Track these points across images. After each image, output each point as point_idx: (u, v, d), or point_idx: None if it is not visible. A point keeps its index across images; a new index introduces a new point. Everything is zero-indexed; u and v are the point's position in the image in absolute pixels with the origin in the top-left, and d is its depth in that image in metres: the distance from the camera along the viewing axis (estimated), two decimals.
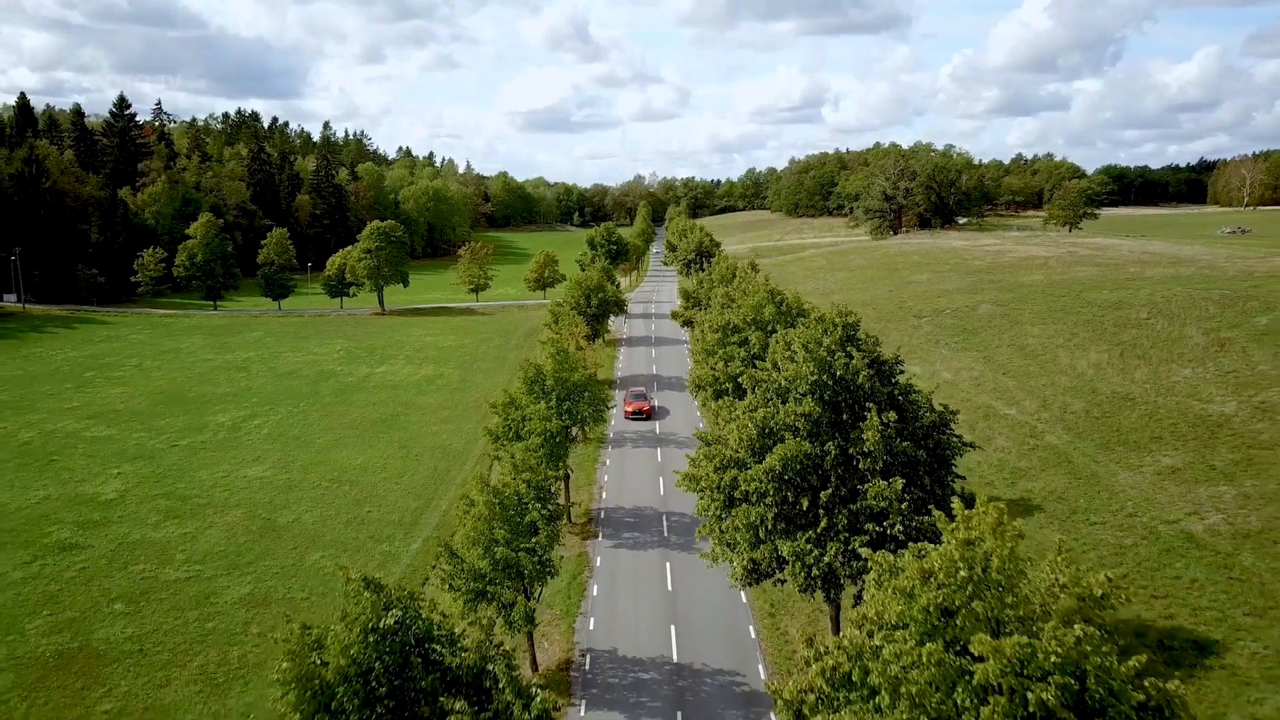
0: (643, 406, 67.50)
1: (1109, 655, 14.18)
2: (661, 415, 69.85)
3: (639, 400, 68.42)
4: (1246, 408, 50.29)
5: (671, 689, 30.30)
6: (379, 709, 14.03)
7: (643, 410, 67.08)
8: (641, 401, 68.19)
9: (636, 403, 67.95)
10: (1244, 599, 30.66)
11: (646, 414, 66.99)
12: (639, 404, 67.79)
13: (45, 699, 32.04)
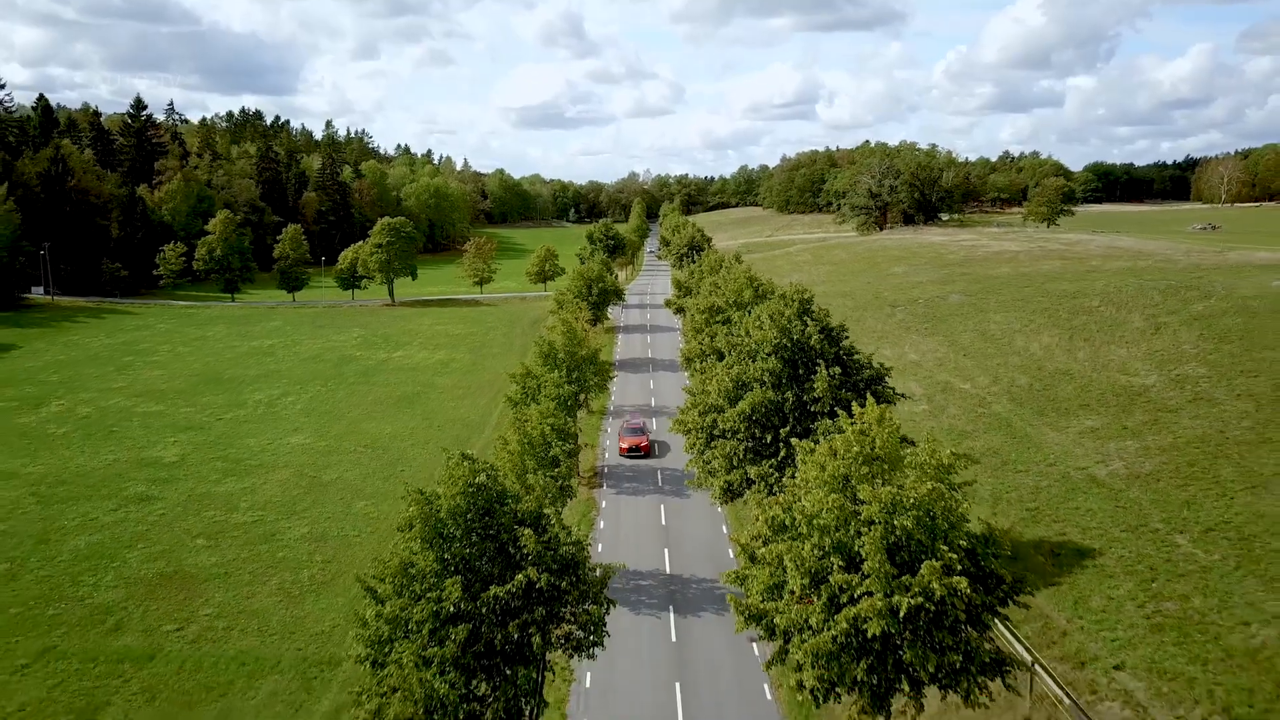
0: (640, 442, 56.44)
1: (950, 500, 21.77)
2: (659, 423, 64.42)
3: (636, 435, 57.43)
4: (1164, 379, 57.89)
5: (665, 592, 37.89)
6: (473, 535, 21.47)
7: (640, 446, 56.25)
8: (639, 436, 57.18)
9: (633, 438, 56.88)
10: (1123, 520, 38.29)
11: (645, 450, 56.23)
12: (636, 439, 56.82)
13: (156, 606, 39.45)
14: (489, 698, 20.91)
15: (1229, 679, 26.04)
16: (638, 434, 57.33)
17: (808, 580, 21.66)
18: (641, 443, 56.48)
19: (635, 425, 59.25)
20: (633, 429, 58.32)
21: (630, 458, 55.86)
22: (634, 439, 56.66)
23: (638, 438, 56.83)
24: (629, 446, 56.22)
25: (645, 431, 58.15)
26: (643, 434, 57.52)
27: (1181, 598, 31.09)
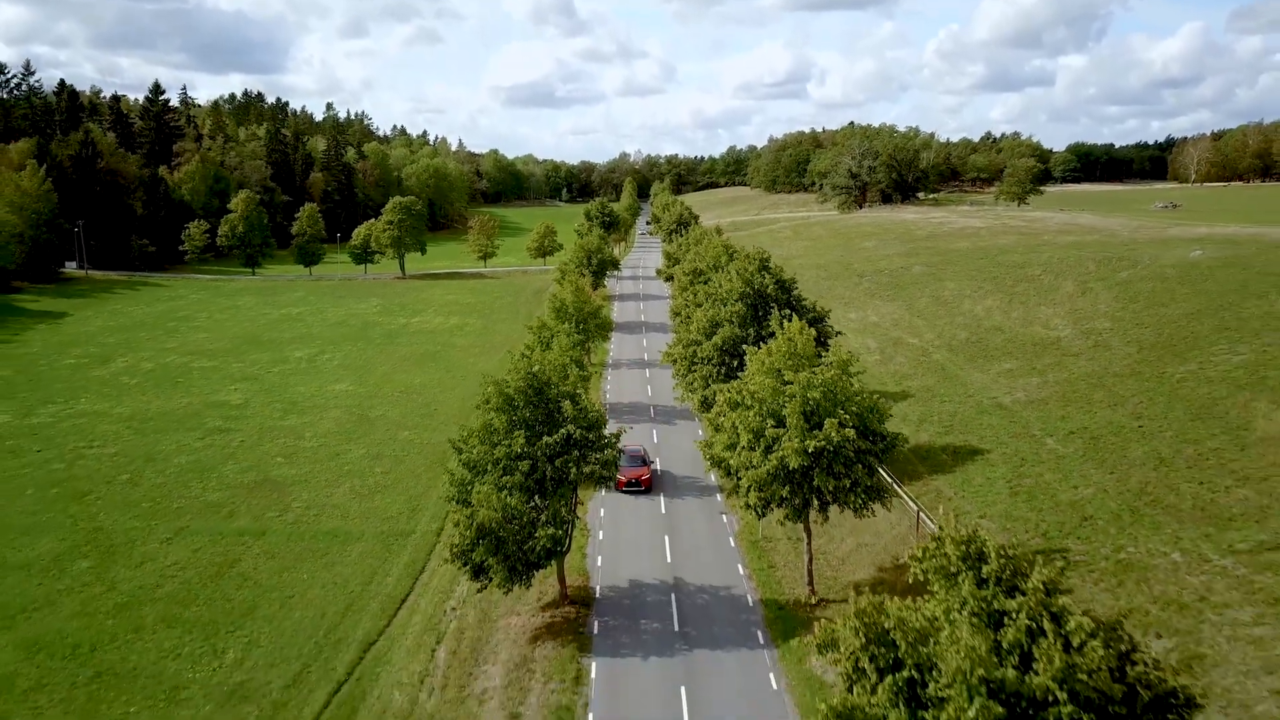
0: (641, 475, 48.11)
1: (845, 383, 32.74)
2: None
3: (635, 466, 48.40)
4: (1075, 332, 68.88)
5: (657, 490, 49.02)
6: (531, 405, 32.32)
7: (641, 480, 48.01)
8: (639, 468, 48.48)
9: (632, 469, 47.78)
10: (1011, 430, 49.37)
11: (646, 485, 48.18)
12: (635, 471, 48.04)
13: (257, 501, 50.27)
14: (542, 510, 31.90)
15: (1052, 518, 37.19)
16: (637, 464, 48.47)
17: (751, 436, 32.68)
18: (642, 475, 47.96)
19: (634, 453, 49.06)
20: (631, 457, 47.91)
21: (629, 492, 47.58)
22: (633, 471, 47.61)
23: (637, 469, 48.07)
24: (627, 480, 47.07)
25: (646, 461, 49.45)
26: (643, 464, 48.77)
27: (1037, 475, 42.25)
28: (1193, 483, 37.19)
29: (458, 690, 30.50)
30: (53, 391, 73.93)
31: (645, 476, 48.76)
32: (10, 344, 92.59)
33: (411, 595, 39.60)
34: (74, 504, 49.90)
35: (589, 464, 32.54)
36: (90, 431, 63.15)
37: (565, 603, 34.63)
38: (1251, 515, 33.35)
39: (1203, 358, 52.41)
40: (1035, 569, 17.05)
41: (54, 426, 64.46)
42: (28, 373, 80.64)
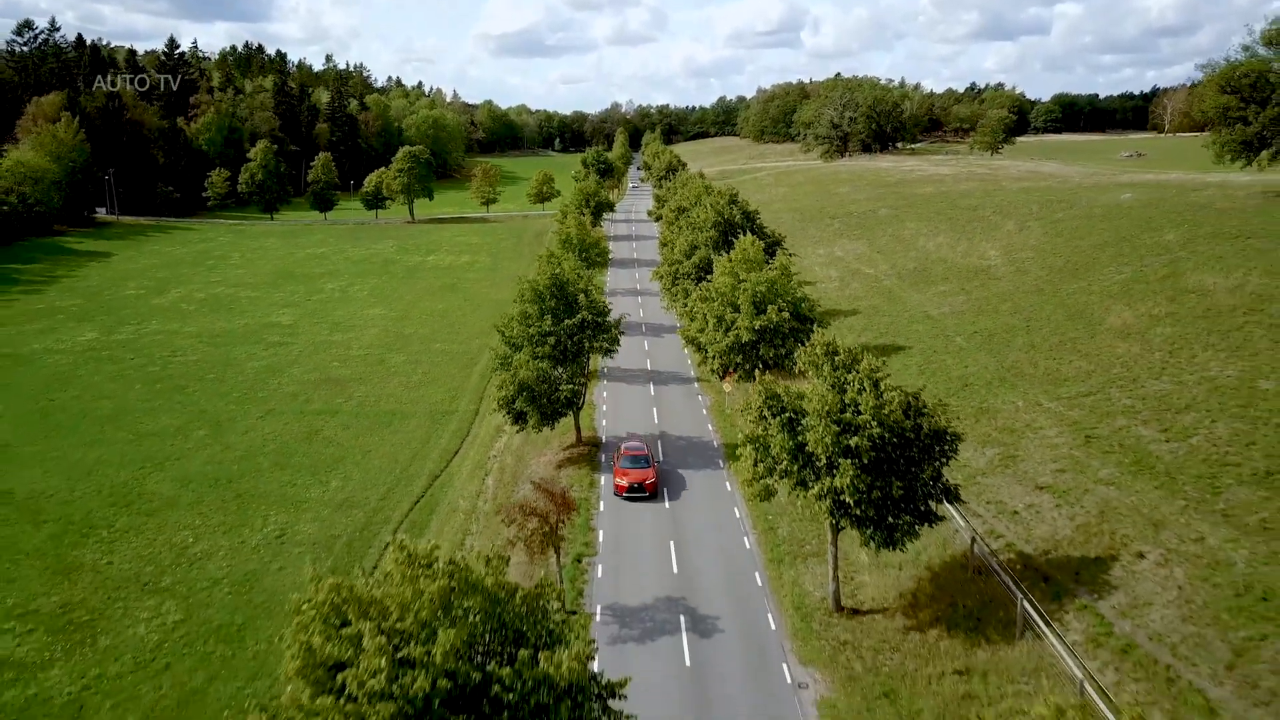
0: (645, 478, 41.12)
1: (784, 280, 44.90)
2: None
3: (638, 466, 41.88)
4: (1004, 261, 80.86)
5: (647, 378, 61.28)
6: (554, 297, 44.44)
7: (645, 485, 40.93)
8: (641, 469, 41.69)
9: (635, 471, 41.44)
10: (931, 332, 61.55)
11: (650, 490, 40.99)
12: (639, 473, 41.34)
13: (323, 393, 62.37)
14: (564, 373, 44.13)
15: (944, 386, 49.54)
16: (640, 464, 41.79)
17: (715, 320, 44.90)
18: (646, 479, 40.90)
19: (636, 451, 43.18)
20: (633, 457, 42.43)
21: (632, 498, 40.76)
22: (635, 473, 41.15)
23: (640, 471, 41.32)
24: (629, 485, 40.67)
25: (650, 461, 42.39)
26: (647, 465, 41.84)
27: (940, 360, 54.59)
28: (1049, 360, 49.63)
29: (505, 498, 42.95)
30: (124, 316, 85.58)
31: (650, 480, 40.74)
32: (72, 278, 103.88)
33: (461, 449, 52.04)
34: (177, 395, 62.01)
35: (598, 340, 44.76)
36: (170, 345, 75.03)
37: (580, 444, 47.08)
38: (1080, 378, 45.80)
39: (1092, 277, 64.60)
40: (865, 358, 29.31)
41: (137, 341, 76.26)
42: (95, 301, 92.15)
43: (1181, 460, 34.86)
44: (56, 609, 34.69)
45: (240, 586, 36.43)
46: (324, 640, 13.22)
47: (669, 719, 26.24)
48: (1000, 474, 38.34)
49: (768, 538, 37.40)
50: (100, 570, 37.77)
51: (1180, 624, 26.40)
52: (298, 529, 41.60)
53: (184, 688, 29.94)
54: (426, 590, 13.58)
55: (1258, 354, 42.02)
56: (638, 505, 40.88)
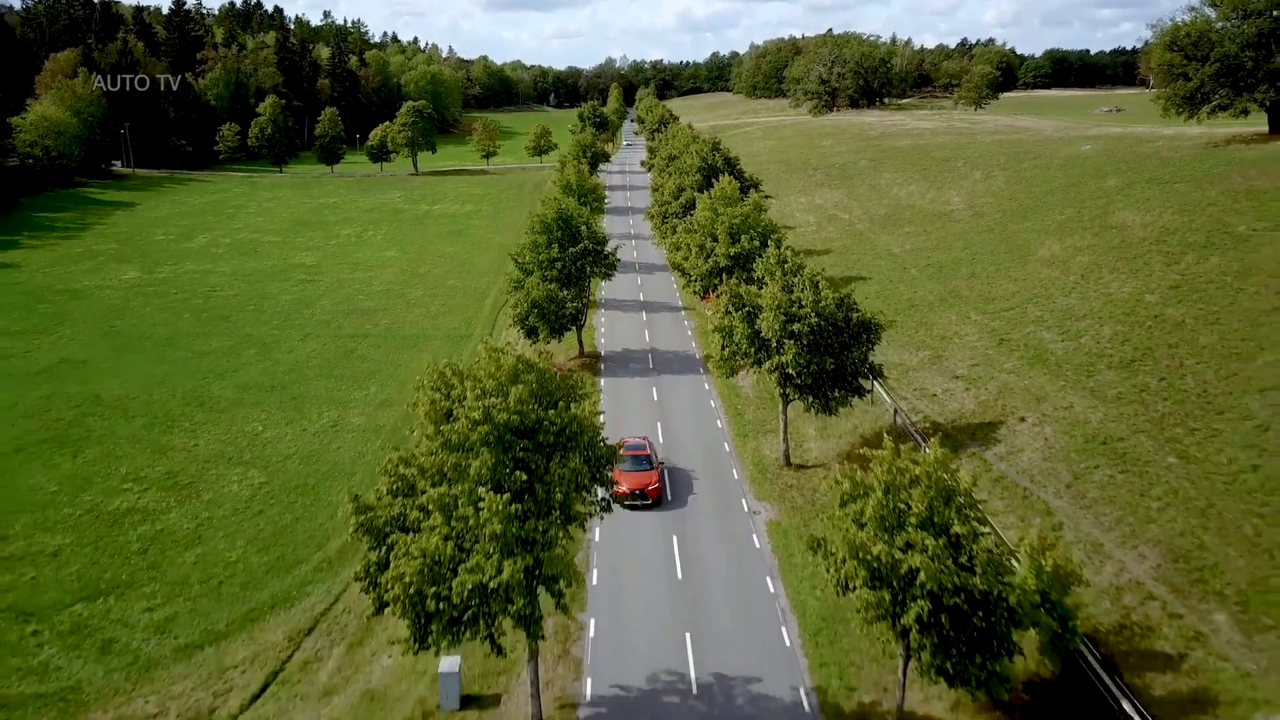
0: (647, 482, 37.13)
1: (756, 216, 52.93)
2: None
3: (639, 469, 37.76)
4: (965, 206, 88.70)
5: (639, 304, 69.43)
6: (561, 228, 52.29)
7: (647, 490, 36.84)
8: (644, 471, 37.72)
9: (636, 475, 37.30)
10: (890, 267, 69.60)
11: (654, 496, 36.96)
12: (640, 477, 37.27)
13: (352, 322, 70.33)
14: (569, 294, 52.25)
15: (893, 306, 57.72)
16: (641, 466, 37.78)
17: (698, 249, 52.92)
18: (649, 483, 36.91)
19: (637, 449, 38.85)
20: (634, 457, 38.09)
21: (633, 506, 36.46)
22: (636, 477, 37.01)
23: (642, 474, 37.32)
24: (629, 490, 36.28)
25: (652, 462, 38.44)
26: (649, 467, 37.88)
27: (894, 287, 62.76)
28: (984, 285, 57.86)
29: None
30: (159, 258, 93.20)
31: (653, 485, 36.69)
32: (102, 225, 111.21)
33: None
34: (223, 323, 70.01)
35: (597, 266, 52.88)
36: (207, 282, 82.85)
37: (582, 356, 55.38)
38: (1005, 297, 54.07)
39: (1037, 218, 72.51)
40: (808, 265, 37.46)
41: (176, 279, 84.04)
42: (130, 245, 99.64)
43: (1070, 354, 43.26)
44: (162, 475, 43.04)
45: (308, 460, 44.79)
46: (441, 396, 21.43)
47: (655, 534, 34.79)
48: (927, 369, 46.76)
49: (736, 420, 45.86)
50: (190, 450, 46.08)
51: (1040, 462, 34.93)
52: (347, 420, 49.88)
53: (276, 524, 38.39)
54: (503, 365, 21.78)
55: (1151, 275, 50.23)
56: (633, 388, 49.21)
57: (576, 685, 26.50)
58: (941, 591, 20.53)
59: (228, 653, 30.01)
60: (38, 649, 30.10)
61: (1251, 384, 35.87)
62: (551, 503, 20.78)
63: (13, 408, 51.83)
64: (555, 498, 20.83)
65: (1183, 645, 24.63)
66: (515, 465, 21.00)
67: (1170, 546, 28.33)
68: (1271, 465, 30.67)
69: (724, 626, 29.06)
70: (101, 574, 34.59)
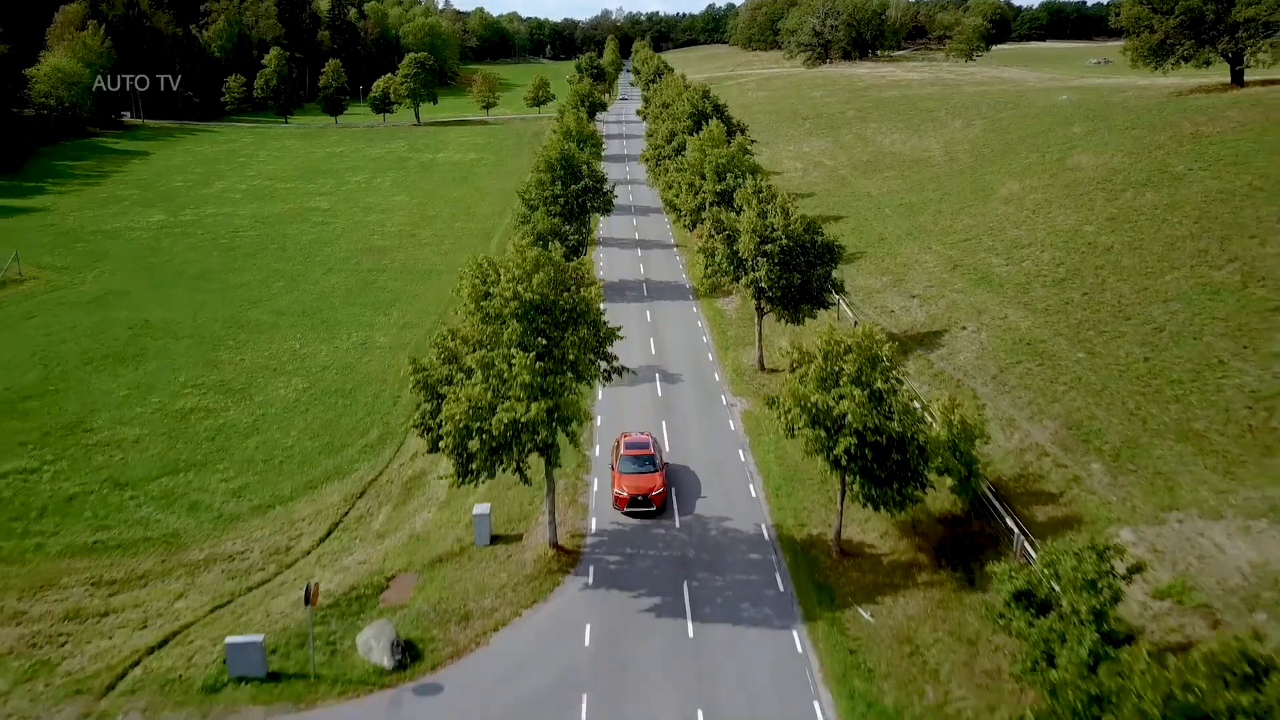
0: (651, 487, 33.20)
1: (741, 155, 58.66)
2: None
3: (642, 470, 33.86)
4: (942, 152, 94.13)
5: (634, 242, 75.30)
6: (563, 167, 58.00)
7: (650, 496, 32.95)
8: (646, 473, 33.77)
9: (638, 477, 33.53)
10: (867, 207, 75.36)
11: (658, 503, 33.10)
12: (643, 480, 33.46)
13: (369, 258, 76.04)
14: (571, 227, 58.12)
15: (866, 240, 63.62)
16: (644, 466, 34.04)
17: (688, 186, 58.68)
18: (653, 488, 33.23)
19: (639, 448, 35.27)
20: (636, 457, 34.60)
21: (634, 514, 33.30)
22: (640, 480, 33.48)
23: (645, 476, 33.67)
24: (632, 496, 33.01)
25: (655, 462, 34.46)
26: (652, 468, 34.06)
27: (868, 224, 68.61)
28: (948, 220, 63.75)
29: None
30: (181, 202, 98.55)
31: (657, 490, 33.06)
32: (121, 173, 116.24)
33: None
34: (250, 259, 75.78)
35: (596, 201, 58.68)
36: (229, 224, 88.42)
37: None
38: (964, 230, 60.01)
39: (1004, 162, 78.11)
40: (780, 194, 43.37)
41: (200, 222, 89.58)
42: (151, 191, 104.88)
43: (1011, 276, 49.37)
44: (217, 383, 49.21)
45: (343, 370, 50.95)
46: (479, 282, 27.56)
47: (648, 418, 41.16)
48: (889, 291, 52.88)
49: (719, 336, 52.07)
50: (237, 363, 52.21)
51: (974, 360, 41.23)
52: (375, 340, 55.98)
53: (322, 419, 44.66)
54: (528, 257, 27.87)
55: (1093, 209, 56.14)
56: (629, 311, 55.10)
57: (583, 522, 33.01)
58: (865, 431, 26.80)
59: (294, 511, 36.43)
60: (136, 508, 36.49)
61: (1157, 296, 42.07)
62: (565, 362, 27.02)
63: (74, 329, 57.87)
64: (568, 358, 27.10)
65: (1064, 486, 31.08)
66: (537, 333, 27.20)
67: (1067, 419, 34.69)
68: (1159, 358, 36.95)
69: (704, 485, 35.51)
70: (179, 456, 40.92)
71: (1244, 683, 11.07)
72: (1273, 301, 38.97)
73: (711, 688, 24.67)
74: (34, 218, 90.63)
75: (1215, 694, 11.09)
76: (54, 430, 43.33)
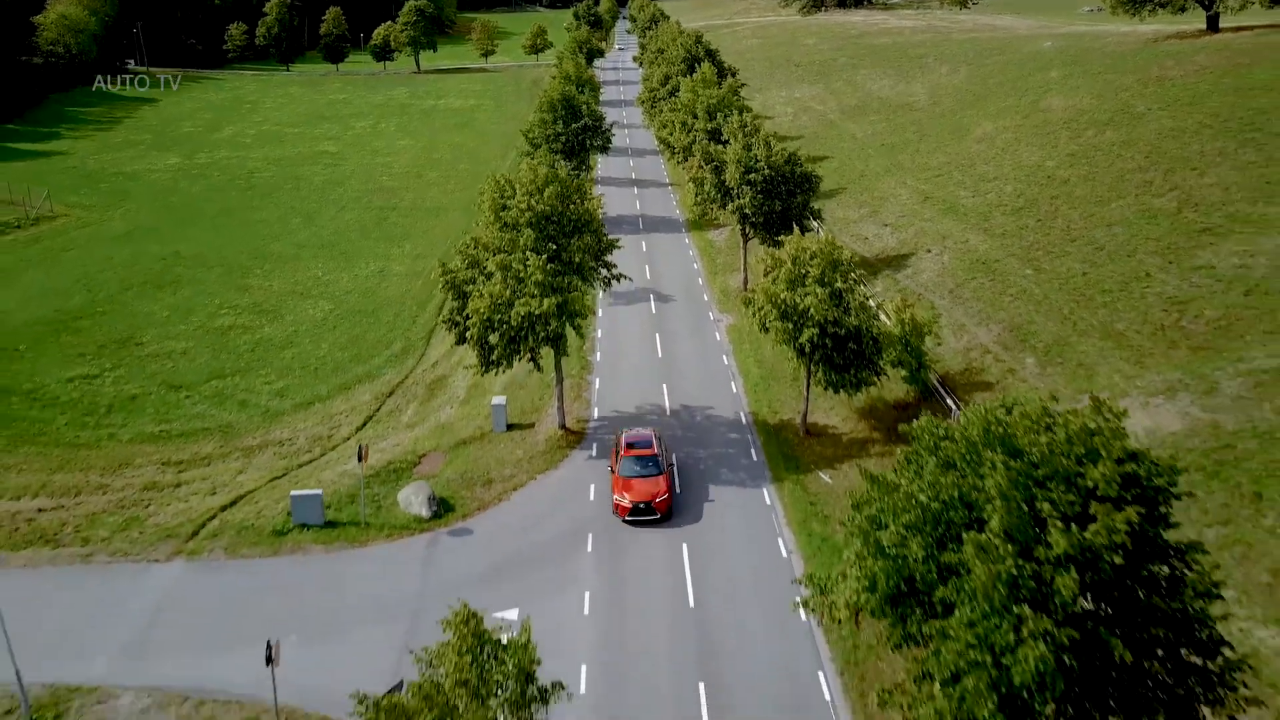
0: (655, 494, 30.30)
1: (732, 96, 62.84)
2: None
3: (645, 471, 30.97)
4: (926, 97, 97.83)
5: (629, 181, 79.64)
6: (565, 108, 62.23)
7: (654, 503, 30.09)
8: (650, 475, 30.84)
9: (643, 483, 30.58)
10: (850, 148, 79.59)
11: (661, 510, 30.18)
12: (646, 486, 30.49)
13: (379, 198, 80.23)
14: (571, 166, 62.42)
15: (839, 175, 68.03)
16: (648, 469, 31.06)
17: (681, 125, 62.88)
18: (655, 494, 30.34)
19: (642, 448, 32.20)
20: (639, 457, 31.60)
21: (636, 521, 30.26)
22: (641, 487, 30.48)
23: (648, 481, 30.67)
24: (634, 504, 30.15)
25: (660, 464, 31.48)
26: (656, 470, 31.09)
27: (850, 161, 72.94)
28: (924, 158, 68.11)
29: None
30: (194, 146, 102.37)
31: (661, 497, 30.41)
32: (132, 119, 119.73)
33: None
34: (266, 198, 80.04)
35: (595, 140, 63.00)
36: (243, 166, 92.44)
37: None
38: (938, 167, 64.43)
39: (983, 106, 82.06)
40: (763, 128, 47.77)
41: (215, 165, 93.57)
42: (163, 136, 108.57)
43: (976, 205, 54.00)
44: (250, 305, 53.97)
45: (364, 295, 55.69)
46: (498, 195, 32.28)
47: (642, 330, 46.08)
48: (865, 221, 57.53)
49: (709, 263, 56.80)
50: (266, 289, 56.91)
51: (935, 278, 46.05)
52: (391, 268, 60.62)
53: (350, 334, 49.51)
54: (539, 174, 32.55)
55: (1056, 146, 60.53)
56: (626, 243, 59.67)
57: (586, 412, 38.11)
58: (826, 323, 31.67)
59: (332, 407, 41.46)
60: (192, 406, 41.49)
61: (1102, 221, 46.77)
62: (572, 264, 31.84)
63: (110, 260, 62.48)
64: (575, 260, 31.91)
65: (1000, 376, 36.11)
66: (548, 240, 31.97)
67: (1010, 324, 39.62)
68: (1095, 273, 41.77)
69: (691, 383, 40.56)
70: (224, 364, 45.84)
71: (1044, 429, 15.93)
72: (1201, 224, 43.70)
73: (694, 529, 29.88)
74: (54, 160, 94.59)
75: (1023, 433, 15.96)
76: (108, 344, 48.18)
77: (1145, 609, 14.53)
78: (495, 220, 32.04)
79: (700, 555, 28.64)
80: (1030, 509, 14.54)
